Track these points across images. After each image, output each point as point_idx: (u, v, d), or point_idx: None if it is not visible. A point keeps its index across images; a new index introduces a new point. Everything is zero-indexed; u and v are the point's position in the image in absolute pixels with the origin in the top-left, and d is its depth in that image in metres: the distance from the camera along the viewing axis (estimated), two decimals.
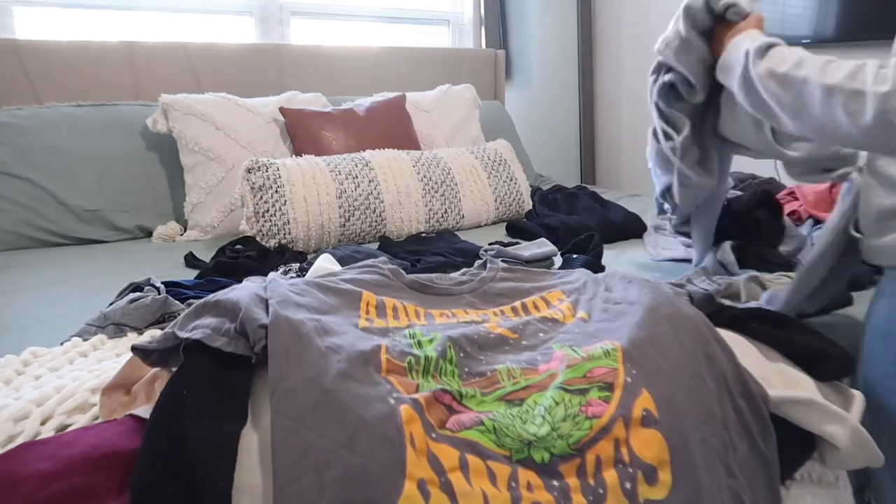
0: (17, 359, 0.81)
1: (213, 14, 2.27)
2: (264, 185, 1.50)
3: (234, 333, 0.67)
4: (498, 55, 2.75)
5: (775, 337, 0.82)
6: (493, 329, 0.78)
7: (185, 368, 0.64)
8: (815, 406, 0.71)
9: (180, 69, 2.02)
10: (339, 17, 2.55)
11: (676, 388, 0.66)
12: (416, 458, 0.56)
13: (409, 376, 0.67)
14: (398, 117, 2.07)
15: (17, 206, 1.64)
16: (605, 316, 0.81)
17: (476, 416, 0.63)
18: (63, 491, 0.53)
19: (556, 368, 0.69)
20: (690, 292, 0.87)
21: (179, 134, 1.78)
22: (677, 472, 0.60)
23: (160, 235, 1.74)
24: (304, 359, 0.63)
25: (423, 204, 1.67)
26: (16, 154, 1.66)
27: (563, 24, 3.12)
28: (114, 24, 2.09)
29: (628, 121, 3.16)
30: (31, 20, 1.97)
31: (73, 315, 1.07)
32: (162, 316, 0.95)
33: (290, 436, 0.56)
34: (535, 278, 0.98)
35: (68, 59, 1.85)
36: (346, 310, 0.80)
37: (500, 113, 2.62)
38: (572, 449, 0.61)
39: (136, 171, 1.79)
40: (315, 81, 2.27)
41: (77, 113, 1.79)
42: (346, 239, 1.59)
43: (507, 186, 1.84)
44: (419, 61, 2.53)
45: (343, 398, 0.59)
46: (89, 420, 0.65)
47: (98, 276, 1.34)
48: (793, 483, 0.76)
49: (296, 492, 0.53)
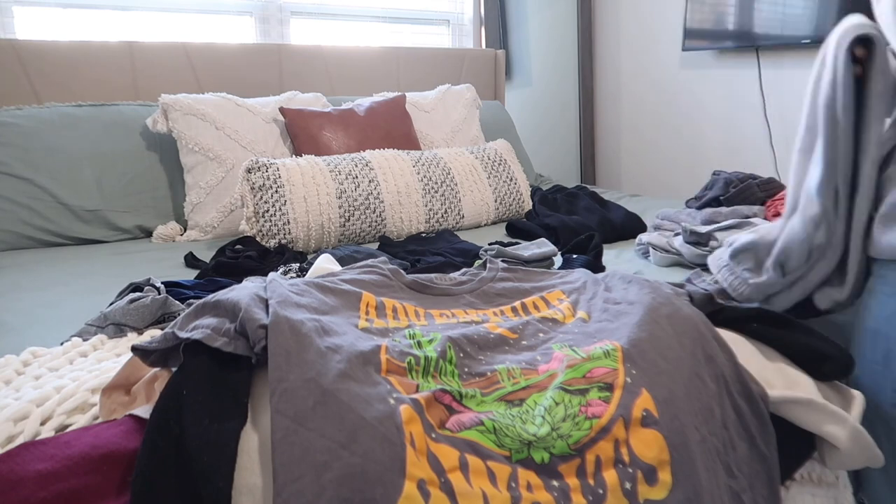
0: (17, 359, 0.81)
1: (213, 14, 2.27)
2: (264, 185, 1.50)
3: (234, 333, 0.67)
4: (498, 55, 2.75)
5: (775, 337, 0.82)
6: (492, 329, 0.78)
7: (185, 368, 0.64)
8: (815, 406, 0.71)
9: (180, 69, 2.02)
10: (339, 17, 2.55)
11: (676, 389, 0.66)
12: (416, 458, 0.56)
13: (409, 376, 0.67)
14: (398, 117, 2.07)
15: (17, 206, 1.64)
16: (604, 316, 0.81)
17: (476, 417, 0.63)
18: (63, 491, 0.53)
19: (556, 369, 0.70)
20: (690, 292, 0.87)
21: (179, 134, 1.78)
22: (677, 473, 0.60)
23: (160, 235, 1.74)
24: (304, 359, 0.63)
25: (423, 204, 1.67)
26: (16, 154, 1.66)
27: (563, 24, 3.13)
28: (114, 24, 2.09)
29: (628, 121, 3.16)
30: (31, 20, 1.97)
31: (73, 315, 1.07)
32: (162, 316, 0.95)
33: (289, 436, 0.56)
34: (534, 278, 0.98)
35: (68, 59, 1.85)
36: (345, 310, 0.80)
37: (500, 113, 2.62)
38: (572, 449, 0.61)
39: (135, 172, 1.79)
40: (315, 81, 2.27)
41: (77, 113, 1.79)
42: (346, 239, 1.59)
43: (507, 186, 1.84)
44: (419, 61, 2.53)
45: (343, 398, 0.59)
46: (89, 420, 0.65)
47: (98, 276, 1.34)
48: (793, 483, 0.76)
49: (295, 492, 0.53)
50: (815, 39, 2.27)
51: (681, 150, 2.94)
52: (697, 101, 2.83)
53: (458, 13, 2.86)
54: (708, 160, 2.81)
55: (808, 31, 2.28)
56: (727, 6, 2.55)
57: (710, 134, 2.80)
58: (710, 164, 2.78)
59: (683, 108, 2.89)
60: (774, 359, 0.80)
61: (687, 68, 2.85)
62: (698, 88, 2.81)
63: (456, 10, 2.85)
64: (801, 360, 0.80)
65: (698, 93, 2.82)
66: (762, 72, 2.53)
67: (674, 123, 2.94)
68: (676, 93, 2.91)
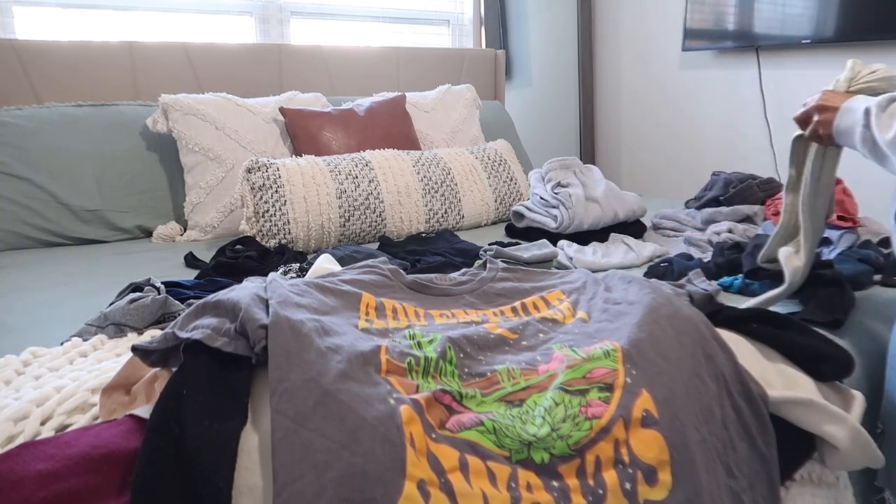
0: (17, 359, 0.81)
1: (213, 14, 2.27)
2: (264, 185, 1.50)
3: (234, 333, 0.67)
4: (498, 55, 2.75)
5: (775, 337, 0.82)
6: (492, 329, 0.78)
7: (185, 368, 0.64)
8: (815, 406, 0.71)
9: (180, 69, 2.02)
10: (339, 17, 2.55)
11: (676, 389, 0.66)
12: (416, 458, 0.56)
13: (409, 377, 0.67)
14: (398, 117, 2.07)
15: (17, 206, 1.64)
16: (604, 316, 0.81)
17: (476, 417, 0.63)
18: (63, 491, 0.53)
19: (556, 369, 0.70)
20: (690, 292, 0.87)
21: (179, 134, 1.78)
22: (677, 473, 0.60)
23: (160, 235, 1.74)
24: (304, 359, 0.63)
25: (423, 204, 1.67)
26: (16, 154, 1.66)
27: (563, 24, 3.13)
28: (114, 24, 2.09)
29: (628, 121, 3.16)
30: (31, 20, 1.97)
31: (73, 315, 1.07)
32: (162, 316, 0.95)
33: (289, 436, 0.56)
34: (534, 278, 0.98)
35: (68, 59, 1.85)
36: (345, 311, 0.80)
37: (500, 113, 2.62)
38: (572, 449, 0.61)
39: (136, 172, 1.79)
40: (315, 81, 2.27)
41: (77, 113, 1.79)
42: (346, 239, 1.59)
43: (507, 186, 1.84)
44: (419, 61, 2.53)
45: (343, 398, 0.59)
46: (89, 420, 0.65)
47: (98, 276, 1.34)
48: (793, 483, 0.76)
49: (296, 492, 0.53)
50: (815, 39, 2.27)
51: (681, 150, 2.94)
52: (697, 102, 2.83)
53: (458, 13, 2.86)
54: (708, 160, 2.81)
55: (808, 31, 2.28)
56: (727, 6, 2.55)
57: (710, 134, 2.80)
58: (710, 164, 2.78)
59: (683, 108, 2.89)
60: (774, 359, 0.80)
61: (687, 68, 2.85)
62: (698, 88, 2.81)
63: (456, 10, 2.85)
64: (800, 361, 0.80)
65: (698, 93, 2.82)
66: (762, 72, 2.53)
67: (674, 123, 2.95)
68: (676, 93, 2.91)
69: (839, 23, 2.21)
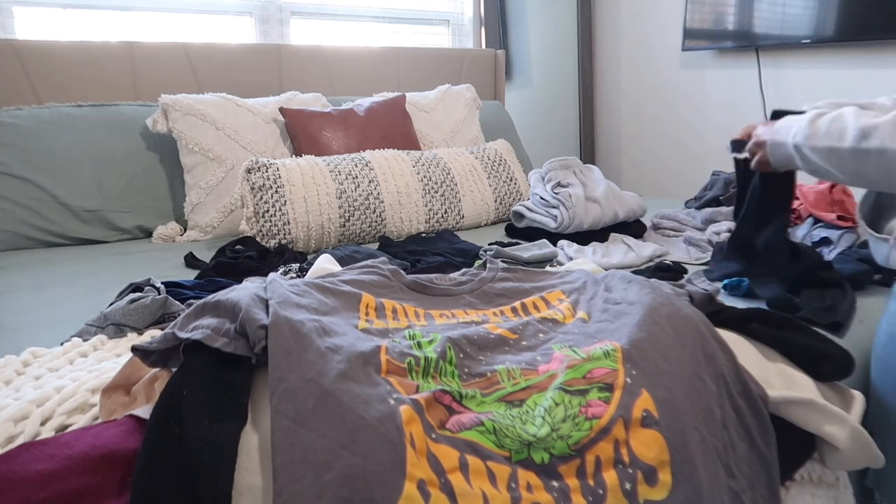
0: (17, 359, 0.81)
1: (213, 14, 2.27)
2: (264, 186, 1.50)
3: (234, 334, 0.67)
4: (498, 55, 2.75)
5: (775, 337, 0.82)
6: (492, 330, 0.78)
7: (185, 369, 0.64)
8: (815, 406, 0.71)
9: (180, 69, 2.02)
10: (339, 18, 2.55)
11: (676, 389, 0.66)
12: (416, 458, 0.56)
13: (409, 377, 0.67)
14: (398, 117, 2.07)
15: (17, 206, 1.64)
16: (604, 316, 0.81)
17: (476, 417, 0.63)
18: (63, 491, 0.53)
19: (556, 369, 0.69)
20: (690, 292, 0.87)
21: (179, 134, 1.78)
22: (677, 473, 0.60)
23: (160, 235, 1.74)
24: (304, 359, 0.63)
25: (423, 204, 1.67)
26: (16, 154, 1.66)
27: (563, 24, 3.13)
28: (114, 25, 2.09)
29: (628, 121, 3.16)
30: (31, 20, 1.97)
31: (73, 315, 1.07)
32: (162, 316, 0.95)
33: (290, 436, 0.56)
34: (534, 278, 0.98)
35: (68, 60, 1.85)
36: (345, 311, 0.80)
37: (500, 113, 2.62)
38: (572, 450, 0.61)
39: (136, 171, 1.79)
40: (315, 82, 2.27)
41: (77, 113, 1.79)
42: (346, 239, 1.59)
43: (507, 186, 1.84)
44: (419, 61, 2.53)
45: (343, 398, 0.59)
46: (89, 420, 0.65)
47: (98, 276, 1.34)
48: (793, 483, 0.76)
49: (296, 492, 0.53)
50: (815, 39, 2.27)
51: (681, 149, 2.94)
52: (697, 101, 2.83)
53: (458, 13, 2.86)
54: (708, 160, 2.81)
55: (808, 31, 2.28)
56: (727, 6, 2.55)
57: (709, 134, 2.80)
58: (709, 164, 2.78)
59: (683, 107, 2.89)
60: (774, 359, 0.80)
61: (687, 68, 2.85)
62: (698, 88, 2.81)
63: (456, 10, 2.85)
64: (800, 361, 0.80)
65: (698, 93, 2.82)
66: (762, 72, 2.53)
67: (674, 123, 2.95)
68: (676, 93, 2.91)
69: (839, 23, 2.21)
